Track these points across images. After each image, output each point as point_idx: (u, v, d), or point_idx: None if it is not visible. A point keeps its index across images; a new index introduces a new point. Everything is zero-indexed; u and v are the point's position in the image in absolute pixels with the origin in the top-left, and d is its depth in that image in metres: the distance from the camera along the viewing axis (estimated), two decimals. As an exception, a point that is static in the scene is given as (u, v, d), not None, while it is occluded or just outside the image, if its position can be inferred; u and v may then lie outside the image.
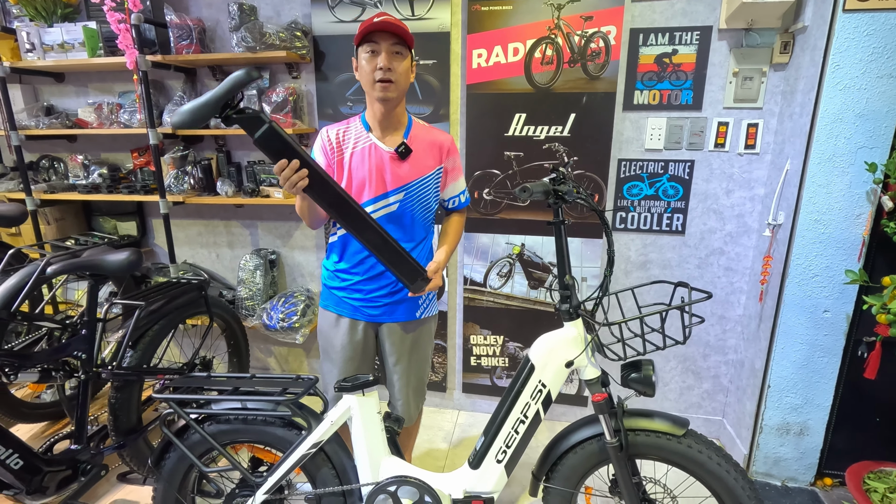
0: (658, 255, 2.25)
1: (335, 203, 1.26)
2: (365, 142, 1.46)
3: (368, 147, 1.46)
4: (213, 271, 2.73)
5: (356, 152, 1.46)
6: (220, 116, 1.17)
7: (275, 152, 1.18)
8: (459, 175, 1.61)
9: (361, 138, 1.47)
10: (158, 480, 1.48)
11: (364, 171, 1.45)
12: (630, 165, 2.18)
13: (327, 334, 1.65)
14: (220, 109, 1.15)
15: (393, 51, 1.37)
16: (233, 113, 1.16)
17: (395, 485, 1.41)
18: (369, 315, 1.58)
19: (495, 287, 2.41)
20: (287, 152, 1.19)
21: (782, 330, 1.92)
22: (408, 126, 1.50)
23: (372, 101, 1.44)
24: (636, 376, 1.35)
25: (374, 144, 1.46)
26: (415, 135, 1.49)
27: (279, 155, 1.19)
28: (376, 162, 1.45)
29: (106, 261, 1.60)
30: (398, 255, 1.37)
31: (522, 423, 1.41)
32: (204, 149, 2.53)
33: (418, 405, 1.76)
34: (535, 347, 1.40)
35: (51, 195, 2.44)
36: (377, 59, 1.36)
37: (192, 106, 1.15)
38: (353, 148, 1.46)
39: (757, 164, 2.07)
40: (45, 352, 1.54)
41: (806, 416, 1.98)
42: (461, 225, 1.67)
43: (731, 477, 1.32)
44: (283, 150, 1.18)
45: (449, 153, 1.54)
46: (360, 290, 1.56)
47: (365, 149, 1.46)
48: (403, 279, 1.40)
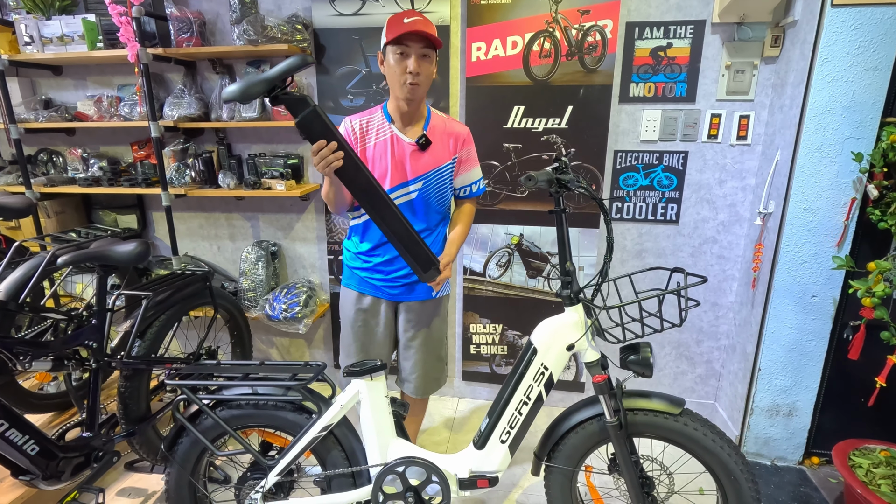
0: (653, 244, 2.31)
1: (364, 188, 1.31)
2: (387, 133, 1.54)
3: (391, 138, 1.54)
4: (215, 264, 2.75)
5: (379, 143, 1.54)
6: (269, 96, 1.22)
7: (315, 134, 1.23)
8: (473, 165, 1.66)
9: (384, 129, 1.54)
10: (171, 465, 1.52)
11: (386, 161, 1.53)
12: (626, 156, 2.23)
13: (349, 309, 1.74)
14: (270, 89, 1.20)
15: (421, 54, 1.44)
16: (281, 93, 1.21)
17: (403, 465, 1.46)
18: (390, 294, 1.68)
19: (494, 277, 2.46)
20: (326, 134, 1.24)
21: (772, 315, 1.99)
22: (427, 118, 1.58)
23: (396, 97, 1.51)
24: (634, 358, 1.41)
25: (396, 135, 1.54)
26: (433, 126, 1.57)
27: (318, 136, 1.24)
28: (398, 152, 1.53)
29: (115, 251, 1.62)
30: (416, 244, 1.42)
31: (525, 404, 1.46)
32: (205, 142, 2.55)
33: (438, 380, 1.85)
34: (537, 332, 1.45)
35: (50, 188, 2.45)
36: (407, 62, 1.43)
37: (245, 82, 1.20)
38: (375, 138, 1.54)
39: (749, 155, 2.13)
40: (59, 340, 1.57)
41: (794, 398, 2.06)
42: (470, 216, 1.72)
43: (724, 452, 1.38)
44: (322, 132, 1.23)
45: (464, 144, 1.60)
46: (381, 270, 1.65)
47: (387, 139, 1.54)
48: (417, 268, 1.46)
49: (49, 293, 2.08)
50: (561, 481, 1.55)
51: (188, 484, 1.52)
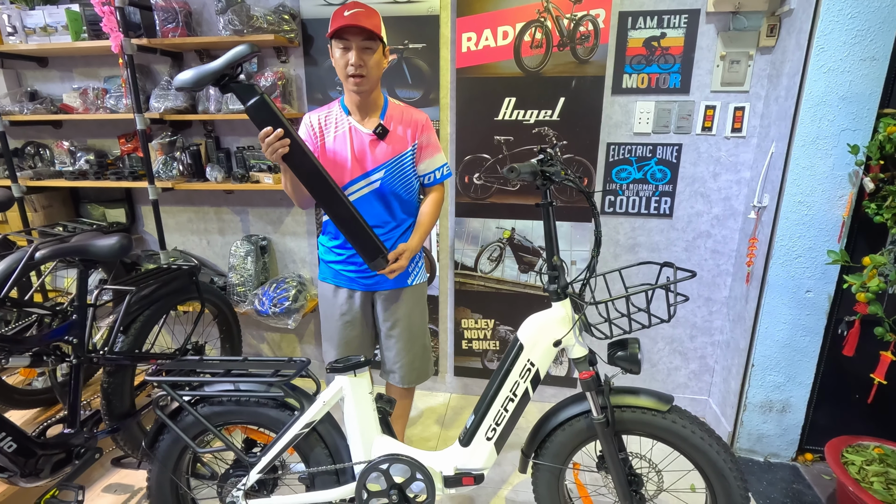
0: (646, 238, 2.28)
1: (310, 173, 1.35)
2: (345, 125, 1.57)
3: (349, 129, 1.57)
4: (204, 258, 2.72)
5: (338, 135, 1.57)
6: (219, 84, 1.27)
7: (262, 121, 1.28)
8: (435, 151, 1.66)
9: (342, 122, 1.58)
10: (153, 462, 1.49)
11: (346, 153, 1.56)
12: (619, 149, 2.19)
13: (327, 303, 1.76)
14: (219, 77, 1.25)
15: (363, 46, 1.45)
16: (230, 82, 1.25)
17: (388, 463, 1.43)
18: (364, 284, 1.70)
19: (486, 271, 2.44)
20: (273, 122, 1.28)
21: (766, 310, 1.96)
22: (384, 108, 1.60)
23: (348, 90, 1.55)
24: (622, 354, 1.38)
25: (354, 127, 1.57)
26: (390, 115, 1.59)
27: (266, 123, 1.28)
28: (357, 143, 1.56)
29: (95, 246, 1.59)
30: (363, 231, 1.46)
31: (512, 401, 1.44)
32: (192, 134, 2.51)
33: (423, 370, 1.83)
34: (524, 327, 1.42)
35: (37, 182, 2.42)
36: (349, 55, 1.45)
37: (196, 70, 1.24)
38: (335, 132, 1.58)
39: (743, 148, 2.10)
40: (37, 336, 1.54)
41: (788, 394, 2.04)
42: (437, 203, 1.70)
43: (713, 450, 1.36)
44: (270, 120, 1.28)
45: (423, 130, 1.61)
46: (354, 262, 1.67)
47: (346, 131, 1.57)
48: (364, 255, 1.49)
49: (34, 288, 2.05)
50: (548, 479, 1.53)
51: (170, 481, 1.50)
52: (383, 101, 1.60)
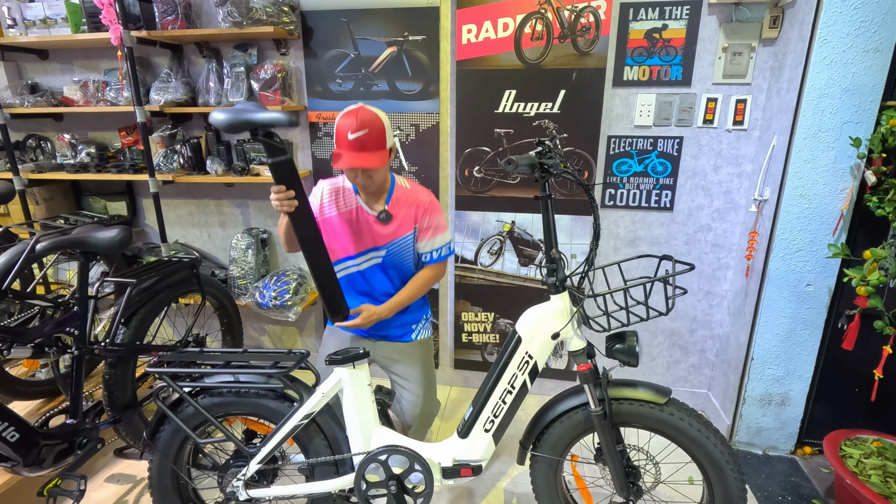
0: (647, 231, 2.28)
1: (305, 235, 1.44)
2: (353, 203, 1.64)
3: (356, 209, 1.64)
4: (206, 251, 2.73)
5: (345, 212, 1.64)
6: (252, 135, 1.35)
7: (281, 178, 1.36)
8: (437, 233, 1.68)
9: (350, 199, 1.64)
10: (154, 453, 1.51)
11: (351, 230, 1.65)
12: (619, 142, 2.19)
13: (330, 340, 1.82)
14: (254, 130, 1.32)
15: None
16: (263, 136, 1.33)
17: (386, 454, 1.45)
18: (369, 332, 1.76)
19: (486, 265, 2.44)
20: (290, 182, 1.37)
21: (766, 304, 1.96)
22: (390, 191, 1.64)
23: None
24: (620, 347, 1.38)
25: (361, 207, 1.63)
26: (396, 199, 1.64)
27: (283, 181, 1.37)
28: (362, 223, 1.64)
29: (96, 237, 1.60)
30: (335, 292, 1.54)
31: (510, 393, 1.44)
32: (193, 127, 2.51)
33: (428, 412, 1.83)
34: (522, 320, 1.43)
35: (38, 175, 2.42)
36: (357, 172, 1.51)
37: (233, 115, 1.31)
38: (344, 206, 1.64)
39: (745, 141, 2.09)
40: (38, 328, 1.55)
41: (787, 388, 2.04)
42: (423, 281, 1.72)
43: (710, 443, 1.36)
44: (288, 179, 1.37)
45: (426, 213, 1.64)
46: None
47: (353, 210, 1.64)
48: (328, 308, 1.56)
49: (36, 280, 2.06)
50: (546, 471, 1.54)
51: (171, 472, 1.52)
52: (390, 185, 1.65)
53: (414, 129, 2.32)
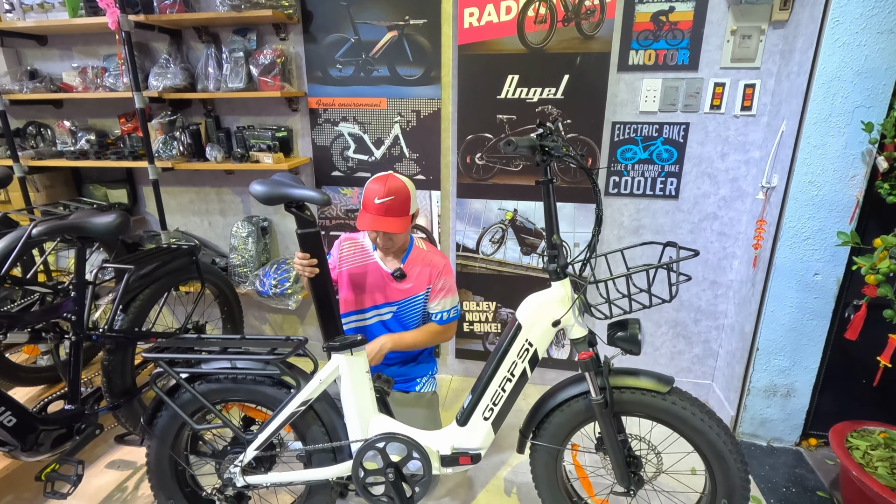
0: (651, 220, 2.24)
1: (320, 295, 1.49)
2: (369, 259, 1.72)
3: (372, 264, 1.71)
4: (206, 239, 2.72)
5: (360, 266, 1.72)
6: (285, 206, 1.41)
7: (307, 247, 1.45)
8: (448, 295, 1.73)
9: (367, 255, 1.72)
10: (151, 438, 1.50)
11: (365, 284, 1.72)
12: (624, 128, 2.14)
13: None
14: (289, 203, 1.40)
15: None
16: (295, 209, 1.41)
17: (384, 441, 1.43)
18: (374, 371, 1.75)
19: (488, 253, 2.41)
20: (314, 252, 1.45)
21: (772, 293, 1.92)
22: (407, 251, 1.71)
23: None
24: (622, 335, 1.36)
25: (377, 263, 1.71)
26: (412, 259, 1.71)
27: (308, 250, 1.45)
28: (377, 279, 1.71)
29: (92, 223, 1.59)
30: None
31: (509, 381, 1.42)
32: (192, 114, 2.49)
33: None
34: (522, 307, 1.40)
35: (38, 161, 2.41)
36: (379, 233, 1.58)
37: (271, 187, 1.39)
38: (360, 261, 1.73)
39: (753, 127, 2.04)
40: (35, 313, 1.55)
41: (793, 379, 2.01)
42: (430, 333, 1.73)
43: (713, 432, 1.34)
44: (312, 249, 1.45)
45: (440, 275, 1.71)
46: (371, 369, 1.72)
47: (369, 265, 1.71)
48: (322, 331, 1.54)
49: (35, 266, 2.06)
50: (546, 460, 1.52)
51: (169, 458, 1.51)
52: (408, 244, 1.72)
53: (415, 116, 2.29)
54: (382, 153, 2.37)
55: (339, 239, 1.77)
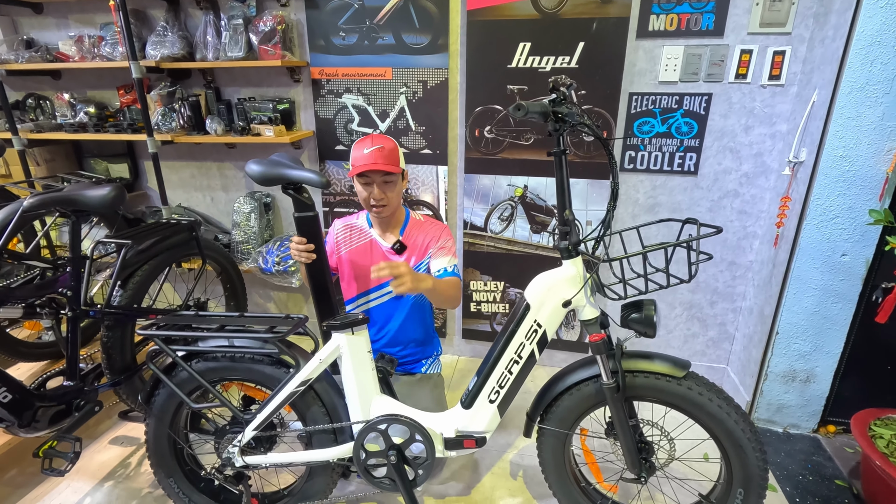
0: (668, 197, 2.14)
1: (318, 285, 1.49)
2: (367, 237, 1.67)
3: (370, 242, 1.66)
4: (209, 215, 2.67)
5: (360, 247, 1.67)
6: (282, 188, 1.39)
7: (304, 232, 1.42)
8: (447, 254, 1.64)
9: (365, 234, 1.67)
10: (150, 417, 1.47)
11: (367, 263, 1.65)
12: (642, 100, 2.03)
13: None
14: (286, 184, 1.37)
15: (383, 181, 1.53)
16: (293, 191, 1.38)
17: (386, 423, 1.39)
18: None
19: (496, 231, 2.33)
20: (311, 237, 1.42)
21: (795, 275, 1.83)
22: (404, 223, 1.67)
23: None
24: (637, 316, 1.29)
25: (375, 240, 1.66)
26: (410, 230, 1.66)
27: (305, 235, 1.42)
28: (377, 256, 1.65)
29: (86, 195, 1.53)
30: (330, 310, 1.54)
31: (516, 363, 1.36)
32: (192, 85, 2.41)
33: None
34: (531, 287, 1.33)
35: (37, 134, 2.36)
36: (371, 190, 1.53)
37: (267, 167, 1.36)
38: (357, 242, 1.68)
39: (780, 98, 1.91)
40: (28, 288, 1.51)
41: (814, 364, 1.92)
42: (449, 282, 1.57)
43: (731, 419, 1.27)
44: (310, 234, 1.42)
45: (439, 238, 1.65)
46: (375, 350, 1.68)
47: (367, 244, 1.67)
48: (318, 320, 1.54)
49: (35, 240, 2.02)
50: (554, 444, 1.47)
51: (167, 436, 1.48)
52: (404, 217, 1.67)
53: (421, 86, 2.19)
54: (387, 126, 2.28)
55: (332, 226, 1.72)
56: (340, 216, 1.74)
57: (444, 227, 1.69)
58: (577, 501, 1.50)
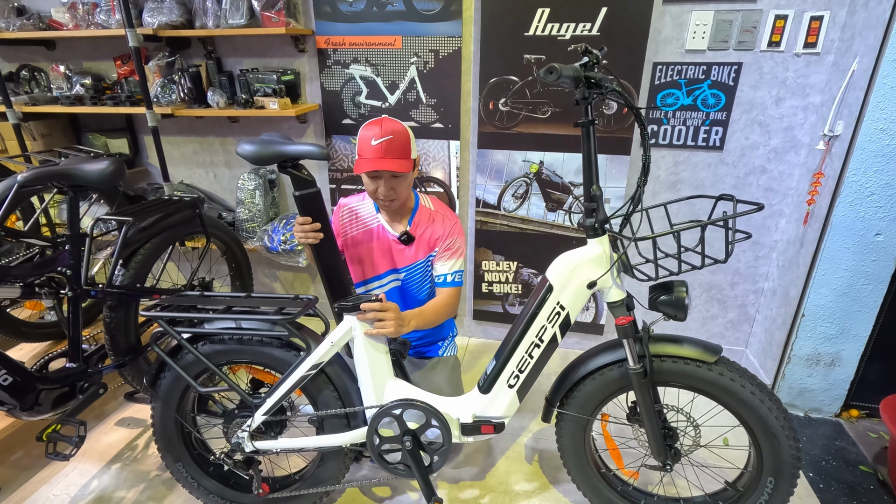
0: (690, 174, 2.04)
1: (326, 265, 1.39)
2: (374, 222, 1.56)
3: (377, 228, 1.55)
4: (212, 192, 2.59)
5: (366, 231, 1.56)
6: (279, 166, 1.29)
7: (307, 211, 1.32)
8: (452, 256, 1.53)
9: (371, 219, 1.56)
10: (156, 400, 1.43)
11: (371, 250, 1.57)
12: (667, 70, 1.92)
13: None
14: (282, 160, 1.28)
15: (392, 176, 1.39)
16: (291, 168, 1.28)
17: (401, 408, 1.33)
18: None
19: (510, 209, 2.25)
20: (316, 216, 1.33)
21: (825, 255, 1.75)
22: (413, 211, 1.54)
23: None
24: (667, 298, 1.22)
25: (382, 226, 1.55)
26: (418, 220, 1.54)
27: (309, 214, 1.32)
28: (382, 243, 1.56)
29: (83, 170, 1.46)
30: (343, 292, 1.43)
31: (537, 347, 1.30)
32: (192, 55, 2.30)
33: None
34: (554, 267, 1.26)
35: (32, 108, 2.27)
36: (379, 184, 1.40)
37: (260, 145, 1.26)
38: (364, 226, 1.57)
39: (816, 67, 1.80)
40: (25, 267, 1.45)
41: (839, 347, 1.86)
42: (442, 303, 1.50)
43: (764, 406, 1.21)
44: (314, 212, 1.32)
45: (448, 236, 1.53)
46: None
47: (373, 229, 1.56)
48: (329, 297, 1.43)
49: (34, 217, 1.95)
50: (574, 430, 1.42)
51: (174, 420, 1.44)
52: (414, 204, 1.55)
53: (433, 56, 2.08)
54: (397, 98, 2.17)
55: (337, 205, 1.61)
56: (347, 194, 1.65)
57: (455, 222, 1.56)
58: (597, 488, 1.46)
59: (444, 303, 1.51)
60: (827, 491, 1.64)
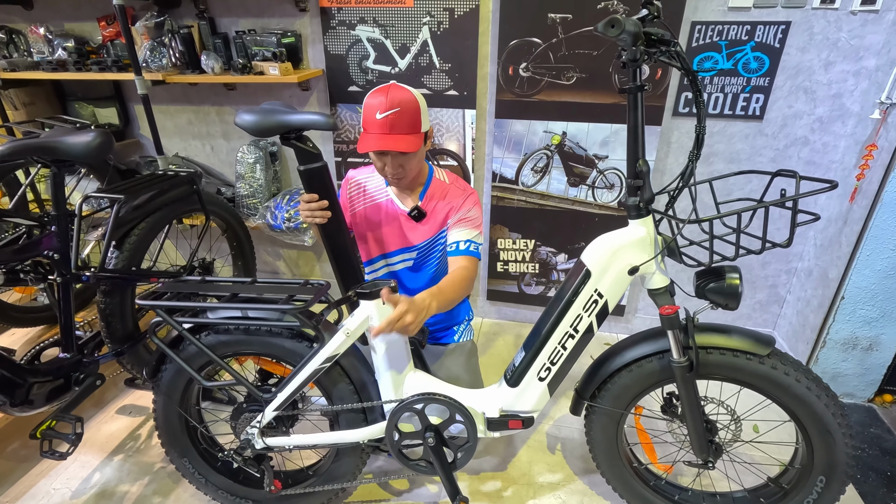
0: (726, 145, 1.90)
1: (335, 245, 1.28)
2: (384, 196, 1.44)
3: (386, 202, 1.43)
4: (209, 166, 2.44)
5: (375, 206, 1.45)
6: (282, 138, 1.17)
7: (313, 187, 1.22)
8: (466, 226, 1.39)
9: (381, 192, 1.44)
10: (157, 394, 1.32)
11: (381, 227, 1.45)
12: (705, 30, 1.75)
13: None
14: (285, 131, 1.15)
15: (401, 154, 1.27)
16: (294, 139, 1.16)
17: (423, 403, 1.23)
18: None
19: (528, 184, 2.10)
20: (323, 192, 1.22)
21: (873, 234, 1.63)
22: (426, 184, 1.41)
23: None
24: (717, 286, 1.11)
25: (392, 200, 1.43)
26: (431, 194, 1.42)
27: (316, 190, 1.22)
28: (392, 218, 1.44)
29: (66, 142, 1.31)
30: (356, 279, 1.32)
31: (571, 337, 1.20)
32: (182, 15, 2.11)
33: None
34: (591, 250, 1.14)
35: (11, 73, 2.09)
36: (386, 160, 1.28)
37: (261, 115, 1.14)
38: (372, 200, 1.45)
39: (872, 27, 1.63)
40: (6, 252, 1.32)
41: (879, 331, 1.76)
42: (459, 276, 1.29)
43: (820, 402, 1.11)
44: (321, 188, 1.22)
45: (461, 207, 1.40)
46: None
47: (382, 203, 1.44)
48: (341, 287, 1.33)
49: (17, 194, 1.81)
50: (605, 424, 1.32)
51: (178, 414, 1.34)
52: (427, 176, 1.42)
53: (447, 15, 1.89)
54: (408, 63, 2.00)
55: (344, 178, 1.48)
56: (355, 167, 1.50)
57: (471, 194, 1.42)
58: (629, 483, 1.38)
59: (461, 276, 1.31)
60: (865, 482, 1.57)
